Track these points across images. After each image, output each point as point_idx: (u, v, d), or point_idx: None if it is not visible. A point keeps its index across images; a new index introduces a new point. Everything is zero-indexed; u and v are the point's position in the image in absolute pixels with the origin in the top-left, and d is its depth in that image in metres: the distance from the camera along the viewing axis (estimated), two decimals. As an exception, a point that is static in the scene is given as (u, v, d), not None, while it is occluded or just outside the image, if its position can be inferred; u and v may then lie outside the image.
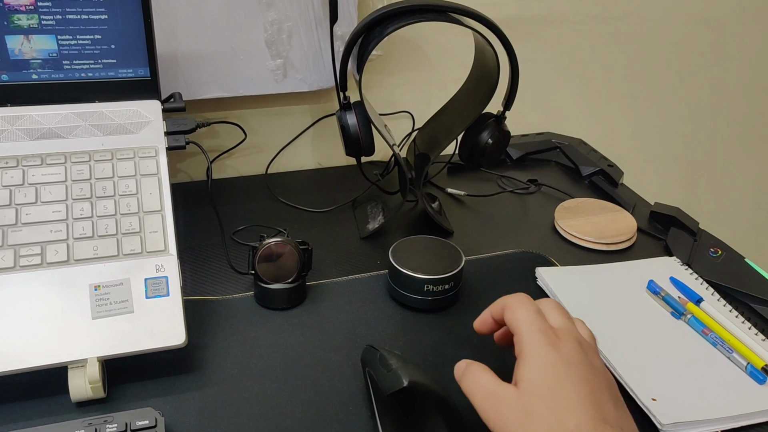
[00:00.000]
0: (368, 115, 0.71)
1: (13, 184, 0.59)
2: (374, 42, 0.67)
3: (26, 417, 0.50)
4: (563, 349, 0.45)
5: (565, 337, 0.46)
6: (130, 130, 0.65)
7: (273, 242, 0.62)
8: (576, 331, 0.48)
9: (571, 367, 0.44)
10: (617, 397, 0.45)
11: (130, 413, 0.48)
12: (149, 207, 0.60)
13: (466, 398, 0.53)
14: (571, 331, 0.47)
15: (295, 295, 0.64)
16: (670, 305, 0.64)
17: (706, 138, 1.22)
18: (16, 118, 0.62)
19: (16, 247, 0.55)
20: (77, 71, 0.65)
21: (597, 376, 0.45)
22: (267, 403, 0.53)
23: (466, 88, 0.79)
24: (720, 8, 1.09)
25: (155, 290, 0.55)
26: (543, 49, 1.01)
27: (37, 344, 0.51)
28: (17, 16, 0.61)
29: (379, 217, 0.78)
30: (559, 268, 0.70)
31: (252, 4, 0.78)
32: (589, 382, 0.44)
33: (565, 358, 0.44)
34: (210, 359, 0.57)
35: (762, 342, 0.59)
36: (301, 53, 0.83)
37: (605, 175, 0.91)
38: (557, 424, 0.41)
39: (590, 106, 1.10)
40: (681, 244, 0.75)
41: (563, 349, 0.45)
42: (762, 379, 0.55)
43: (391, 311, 0.64)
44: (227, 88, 0.82)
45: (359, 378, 0.55)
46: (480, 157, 0.75)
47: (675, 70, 1.12)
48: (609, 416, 0.42)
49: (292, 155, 0.92)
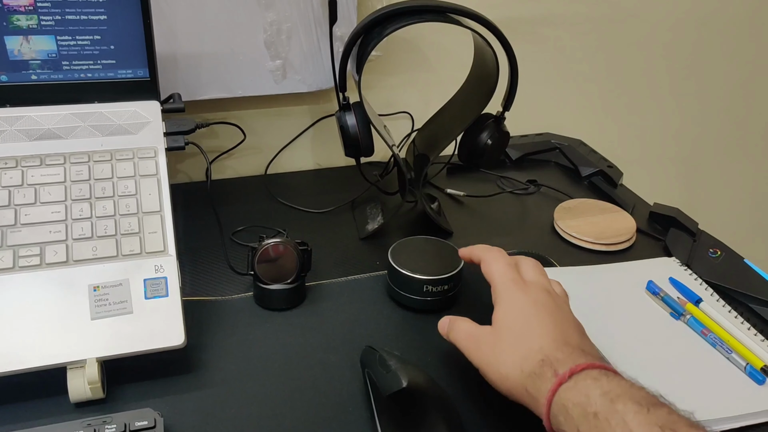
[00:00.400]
0: (367, 115, 0.71)
1: (13, 185, 0.59)
2: (373, 43, 0.67)
3: (25, 418, 0.50)
4: (532, 294, 0.51)
5: (534, 286, 0.52)
6: (129, 131, 0.65)
7: (272, 243, 0.62)
8: (547, 285, 0.53)
9: (538, 306, 0.50)
10: (583, 333, 0.50)
11: (129, 414, 0.48)
12: (148, 208, 0.60)
13: (466, 398, 0.53)
14: (541, 282, 0.53)
15: (295, 296, 0.64)
16: (670, 306, 0.64)
17: (705, 139, 1.22)
18: (15, 119, 0.62)
19: (16, 248, 0.55)
20: (76, 72, 0.65)
21: (563, 315, 0.50)
22: (266, 404, 0.53)
23: (465, 88, 0.79)
24: (719, 9, 1.09)
25: (154, 291, 0.55)
26: (542, 49, 1.01)
27: (36, 345, 0.51)
28: (16, 16, 0.61)
29: (378, 217, 0.78)
30: (558, 268, 0.70)
31: (251, 5, 0.78)
32: (555, 316, 0.49)
33: (533, 300, 0.50)
34: (209, 360, 0.57)
35: (761, 342, 0.59)
36: (301, 54, 0.83)
37: (604, 175, 0.91)
38: (523, 347, 0.47)
39: (590, 106, 1.10)
40: (680, 245, 0.75)
41: (532, 294, 0.51)
42: (761, 379, 0.55)
43: (390, 312, 0.64)
44: (226, 88, 0.82)
45: (358, 379, 0.55)
46: (479, 158, 0.75)
47: (674, 71, 1.12)
48: (572, 341, 0.47)
49: (291, 156, 0.92)
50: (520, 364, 0.46)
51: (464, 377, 0.55)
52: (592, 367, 0.44)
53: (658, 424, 0.38)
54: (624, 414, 0.39)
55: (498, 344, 0.48)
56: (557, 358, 0.45)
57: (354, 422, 0.51)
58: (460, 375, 0.56)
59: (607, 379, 0.42)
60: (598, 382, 0.42)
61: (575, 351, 0.46)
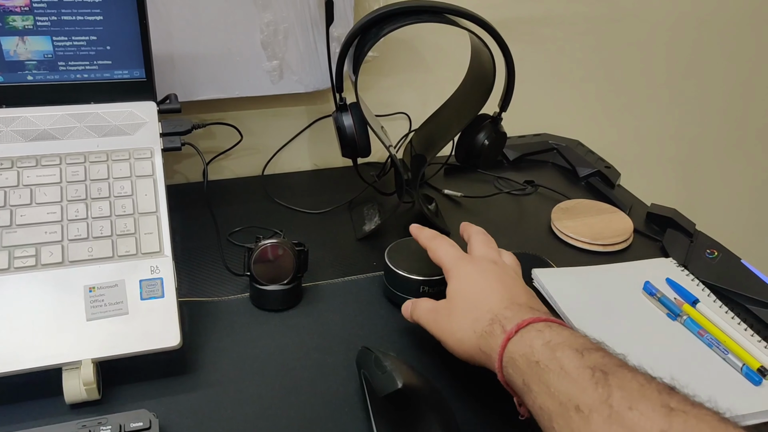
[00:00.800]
0: (364, 116, 0.71)
1: (8, 186, 0.59)
2: (370, 43, 0.67)
3: (20, 419, 0.50)
4: (479, 265, 0.55)
5: (481, 258, 0.56)
6: (125, 132, 0.65)
7: (269, 243, 0.62)
8: (494, 256, 0.57)
9: (485, 274, 0.54)
10: (531, 294, 0.53)
11: (125, 415, 0.48)
12: (144, 208, 0.60)
13: (461, 399, 0.53)
14: (488, 255, 0.57)
15: (291, 297, 0.64)
16: (666, 306, 0.64)
17: (703, 139, 1.23)
18: (11, 120, 0.62)
19: (11, 249, 0.55)
20: (72, 72, 0.64)
21: (510, 279, 0.53)
22: (262, 405, 0.53)
23: (462, 89, 0.79)
24: (717, 10, 1.09)
25: (150, 292, 0.55)
26: (539, 50, 1.01)
27: (32, 346, 0.51)
28: (12, 17, 0.61)
29: (375, 218, 0.78)
30: (555, 269, 0.70)
31: (248, 6, 0.78)
32: (502, 280, 0.53)
33: (480, 269, 0.54)
34: (205, 361, 0.57)
35: (758, 343, 0.59)
36: (298, 54, 0.83)
37: (602, 176, 0.91)
38: (475, 310, 0.50)
39: (587, 107, 1.10)
40: (677, 246, 0.75)
41: (479, 265, 0.55)
42: (757, 380, 0.55)
43: (386, 313, 0.64)
44: (223, 89, 0.82)
45: (354, 380, 0.55)
46: (476, 159, 0.75)
47: (672, 72, 1.13)
48: (520, 300, 0.50)
49: (288, 156, 0.92)
50: (472, 326, 0.50)
51: (460, 378, 0.55)
52: (538, 321, 0.46)
53: (590, 365, 0.41)
54: (561, 359, 0.42)
55: (452, 313, 0.52)
56: (505, 316, 0.48)
57: (350, 423, 0.51)
58: (455, 375, 0.56)
59: (550, 330, 0.45)
60: (541, 333, 0.45)
61: (522, 308, 0.49)
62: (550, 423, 0.41)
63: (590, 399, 0.39)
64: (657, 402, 0.37)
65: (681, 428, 0.35)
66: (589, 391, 0.39)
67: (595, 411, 0.38)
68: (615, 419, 0.37)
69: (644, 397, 0.38)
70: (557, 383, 0.41)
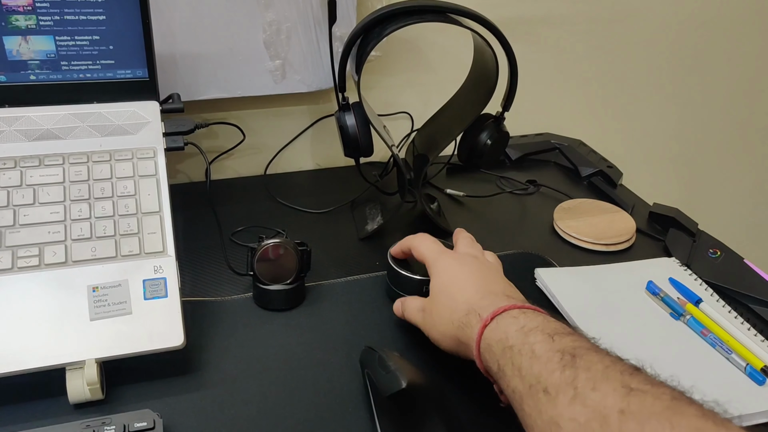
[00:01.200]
0: (367, 115, 0.71)
1: (11, 185, 0.59)
2: (373, 43, 0.67)
3: (24, 419, 0.50)
4: (459, 259, 0.57)
5: (462, 254, 0.58)
6: (128, 131, 0.65)
7: (272, 243, 0.62)
8: (476, 253, 0.59)
9: (464, 268, 0.55)
10: (509, 284, 0.55)
11: (129, 415, 0.48)
12: (147, 208, 0.60)
13: (465, 399, 0.53)
14: (470, 251, 0.59)
15: (294, 297, 0.64)
16: (669, 306, 0.64)
17: (705, 139, 1.22)
18: (14, 119, 0.62)
19: (14, 249, 0.55)
20: (75, 72, 0.64)
21: (489, 272, 0.55)
22: (266, 405, 0.53)
23: (465, 88, 0.79)
24: (717, 10, 1.09)
25: (153, 291, 0.55)
26: (542, 50, 1.01)
27: (35, 346, 0.51)
28: (15, 16, 0.61)
29: (377, 218, 0.78)
30: (558, 269, 0.70)
31: (250, 5, 0.78)
32: (481, 272, 0.55)
33: (459, 263, 0.56)
34: (208, 361, 0.57)
35: (761, 343, 0.59)
36: (300, 54, 0.83)
37: (604, 175, 0.91)
38: (452, 302, 0.52)
39: (589, 107, 1.10)
40: (680, 245, 0.75)
41: (459, 259, 0.57)
42: (761, 380, 0.55)
43: (390, 312, 0.64)
44: (226, 89, 0.82)
45: (358, 379, 0.55)
46: (479, 158, 0.75)
47: (674, 72, 1.12)
48: (496, 289, 0.52)
49: (290, 156, 0.92)
50: (451, 318, 0.51)
51: (463, 378, 0.55)
52: (513, 308, 0.48)
53: (560, 349, 0.42)
54: (533, 344, 0.43)
55: (435, 308, 0.54)
56: (481, 305, 0.49)
57: (353, 423, 0.51)
58: (459, 375, 0.55)
59: (525, 316, 0.46)
60: (516, 319, 0.46)
61: (498, 296, 0.50)
62: (520, 405, 0.42)
63: (557, 381, 0.40)
64: (618, 382, 0.38)
65: (637, 407, 0.36)
66: (556, 374, 0.40)
67: (561, 392, 0.39)
68: (579, 400, 0.38)
69: (607, 378, 0.39)
70: (528, 366, 0.42)
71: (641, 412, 0.36)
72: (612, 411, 0.36)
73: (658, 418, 0.35)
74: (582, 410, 0.38)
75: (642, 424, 0.35)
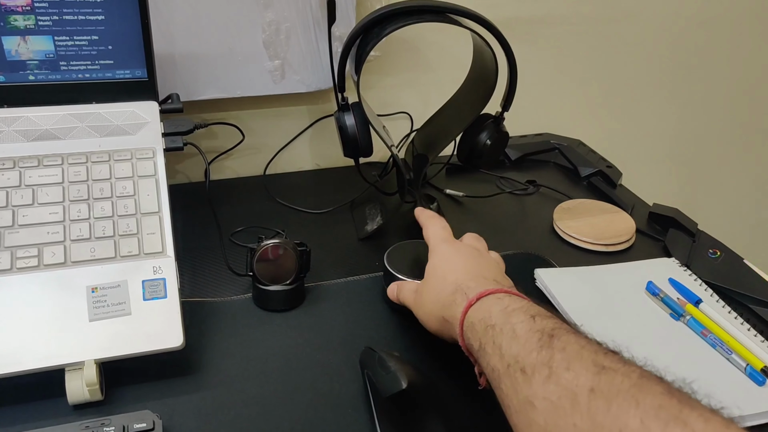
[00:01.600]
0: (366, 116, 0.71)
1: (10, 186, 0.58)
2: (372, 43, 0.67)
3: (23, 420, 0.50)
4: (459, 247, 0.57)
5: (464, 244, 0.58)
6: (127, 132, 0.64)
7: (271, 244, 0.62)
8: (479, 246, 0.59)
9: (460, 253, 0.56)
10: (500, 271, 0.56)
11: (128, 416, 0.47)
12: (147, 208, 0.60)
13: (466, 399, 0.53)
14: (473, 243, 0.59)
15: (294, 297, 0.64)
16: (669, 306, 0.64)
17: (704, 139, 1.22)
18: (12, 120, 0.62)
19: (13, 249, 0.55)
20: (74, 72, 0.64)
21: (485, 260, 0.56)
22: (265, 406, 0.53)
23: (464, 89, 0.79)
24: (717, 9, 1.09)
25: (153, 292, 0.55)
26: (541, 50, 1.01)
27: (34, 347, 0.51)
28: (14, 16, 0.61)
29: (377, 218, 0.78)
30: (557, 269, 0.70)
31: (250, 5, 0.78)
32: (476, 259, 0.55)
33: (457, 249, 0.56)
34: (208, 361, 0.57)
35: (761, 343, 0.59)
36: (299, 54, 0.83)
37: (604, 176, 0.91)
38: (441, 282, 0.53)
39: (589, 107, 1.10)
40: (680, 245, 0.75)
41: (459, 247, 0.57)
42: (761, 380, 0.55)
43: (389, 313, 0.64)
44: (225, 89, 0.82)
45: (358, 380, 0.55)
46: (478, 158, 0.75)
47: (673, 71, 1.12)
48: (487, 275, 0.52)
49: (290, 156, 0.92)
50: (438, 297, 0.52)
51: (464, 378, 0.55)
52: (499, 291, 0.48)
53: (539, 329, 0.42)
54: (514, 324, 0.44)
55: (425, 288, 0.55)
56: (468, 286, 0.50)
57: (353, 423, 0.51)
58: (460, 376, 0.55)
59: (510, 299, 0.47)
60: (501, 301, 0.47)
61: (487, 280, 0.51)
62: (498, 384, 0.43)
63: (534, 360, 0.40)
64: (591, 362, 0.38)
65: (606, 386, 0.36)
66: (534, 354, 0.41)
67: (537, 372, 0.40)
68: (553, 379, 0.39)
69: (580, 358, 0.39)
70: (508, 346, 0.43)
71: (609, 390, 0.36)
72: (582, 389, 0.37)
73: (625, 396, 0.35)
74: (555, 389, 0.38)
75: (609, 401, 0.35)
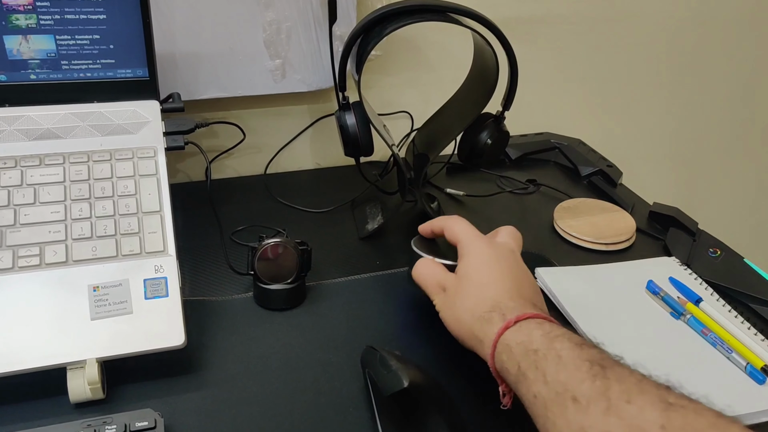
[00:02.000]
0: (367, 115, 0.71)
1: (12, 185, 0.59)
2: (373, 42, 0.67)
3: (25, 418, 0.50)
4: (495, 249, 0.54)
5: (499, 244, 0.56)
6: (128, 131, 0.65)
7: (272, 243, 0.62)
8: (513, 246, 0.57)
9: (499, 259, 0.53)
10: (538, 291, 0.54)
11: (130, 414, 0.48)
12: (148, 207, 0.60)
13: (467, 398, 0.53)
14: (507, 243, 0.57)
15: (295, 296, 0.64)
16: (670, 305, 0.64)
17: (705, 138, 1.23)
18: (14, 119, 0.62)
19: (15, 248, 0.55)
20: (76, 71, 0.64)
21: (522, 272, 0.54)
22: (266, 404, 0.53)
23: (465, 88, 0.79)
24: (717, 9, 1.09)
25: (154, 291, 0.55)
26: (542, 49, 1.01)
27: (36, 345, 0.51)
28: (15, 16, 0.61)
29: (378, 217, 0.78)
30: (558, 268, 0.70)
31: (251, 5, 0.78)
32: (513, 271, 0.53)
33: (495, 253, 0.54)
34: (209, 360, 0.57)
35: (761, 342, 0.59)
36: (300, 53, 0.83)
37: (604, 175, 0.91)
38: (479, 294, 0.51)
39: (589, 106, 1.10)
40: (680, 244, 0.75)
41: (495, 249, 0.54)
42: (761, 379, 0.55)
43: (390, 312, 0.64)
44: (226, 88, 0.82)
45: (359, 379, 0.55)
46: (479, 157, 0.75)
47: (674, 71, 1.12)
48: (525, 294, 0.51)
49: (291, 155, 0.92)
50: (472, 309, 0.50)
51: (466, 377, 0.55)
52: (538, 317, 0.47)
53: (588, 358, 0.41)
54: (559, 350, 0.42)
55: (459, 291, 0.52)
56: (507, 306, 0.48)
57: (354, 422, 0.51)
58: (461, 375, 0.56)
59: (550, 325, 0.46)
60: (541, 326, 0.46)
61: (526, 303, 0.49)
62: (544, 411, 0.41)
63: (588, 390, 0.39)
64: (655, 396, 0.37)
65: (680, 423, 0.35)
66: (587, 383, 0.39)
67: (593, 402, 0.38)
68: (613, 411, 0.37)
69: (642, 392, 0.38)
70: (554, 372, 0.41)
71: (684, 429, 0.35)
72: (652, 426, 0.35)
73: None
74: (617, 423, 0.37)
75: None
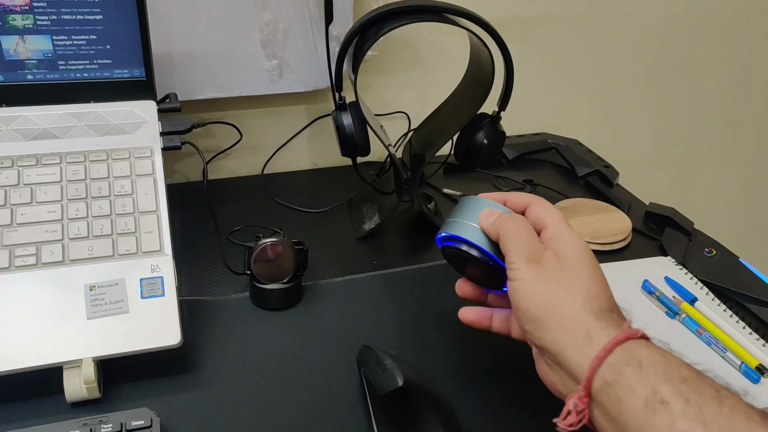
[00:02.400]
0: (364, 115, 0.71)
1: (8, 185, 0.59)
2: (370, 42, 0.67)
3: (21, 417, 0.50)
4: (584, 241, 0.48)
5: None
6: (125, 131, 0.65)
7: (269, 242, 0.62)
8: None
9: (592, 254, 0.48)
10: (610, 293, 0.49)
11: (126, 413, 0.48)
12: (144, 207, 0.60)
13: (462, 397, 0.53)
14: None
15: (291, 296, 0.64)
16: (665, 305, 0.64)
17: (701, 138, 1.23)
18: (11, 119, 0.62)
19: (11, 248, 0.55)
20: (72, 72, 0.65)
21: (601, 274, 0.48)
22: (262, 404, 0.53)
23: (461, 88, 0.79)
24: (712, 10, 1.09)
25: (150, 290, 0.55)
26: (538, 49, 1.01)
27: (32, 344, 0.51)
28: (12, 16, 0.61)
29: (374, 217, 0.78)
30: (554, 268, 0.70)
31: (247, 5, 0.78)
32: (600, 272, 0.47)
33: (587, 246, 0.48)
34: (205, 359, 0.57)
35: (756, 341, 0.60)
36: (297, 54, 0.83)
37: (600, 175, 0.91)
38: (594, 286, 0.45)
39: (586, 106, 1.10)
40: (676, 244, 0.75)
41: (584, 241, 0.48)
42: (756, 378, 0.55)
43: (386, 311, 0.64)
44: (223, 88, 0.82)
45: (355, 378, 0.55)
46: (475, 158, 0.75)
47: (670, 71, 1.13)
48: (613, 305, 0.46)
49: (287, 156, 0.92)
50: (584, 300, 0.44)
51: (460, 376, 0.55)
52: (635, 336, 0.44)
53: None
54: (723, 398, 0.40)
55: (566, 271, 0.45)
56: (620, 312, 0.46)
57: (350, 421, 0.51)
58: (456, 374, 0.56)
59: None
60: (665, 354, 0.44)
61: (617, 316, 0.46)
62: None
63: None
64: None
65: None
66: None
67: None
68: None
69: None
70: (713, 416, 0.38)
71: None
72: None
73: None
74: None
75: None
